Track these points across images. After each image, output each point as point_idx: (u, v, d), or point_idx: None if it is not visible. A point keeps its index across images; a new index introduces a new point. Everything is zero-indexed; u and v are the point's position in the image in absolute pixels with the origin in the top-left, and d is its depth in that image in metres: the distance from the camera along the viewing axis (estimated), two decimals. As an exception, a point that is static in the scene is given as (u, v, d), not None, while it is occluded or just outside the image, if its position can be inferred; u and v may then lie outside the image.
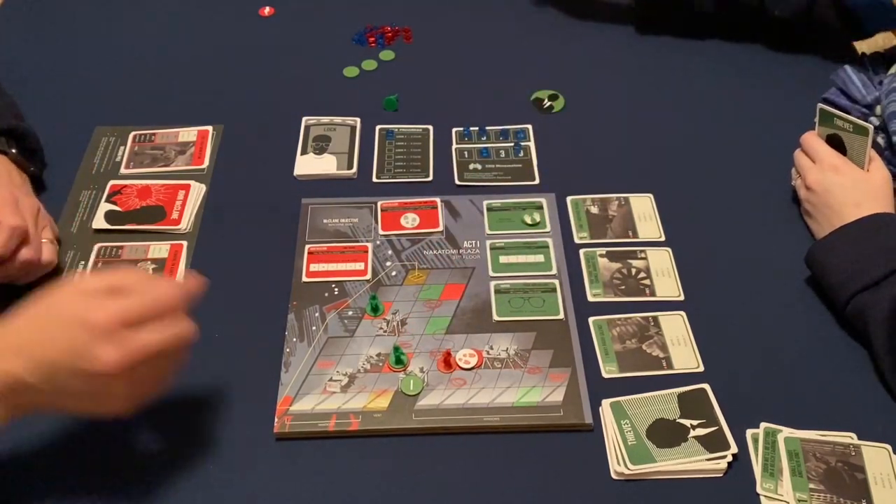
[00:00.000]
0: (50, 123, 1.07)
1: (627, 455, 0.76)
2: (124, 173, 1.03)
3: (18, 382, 0.65)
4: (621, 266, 0.93)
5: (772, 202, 1.00)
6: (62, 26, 1.26)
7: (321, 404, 0.80)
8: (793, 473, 0.75)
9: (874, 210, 0.88)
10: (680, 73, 1.17)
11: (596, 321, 0.88)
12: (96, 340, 0.64)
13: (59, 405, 0.68)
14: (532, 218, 0.97)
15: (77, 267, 0.93)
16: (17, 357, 0.65)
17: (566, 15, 1.26)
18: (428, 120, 1.10)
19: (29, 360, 0.65)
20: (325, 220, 0.97)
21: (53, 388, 0.65)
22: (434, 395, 0.81)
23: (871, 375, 0.84)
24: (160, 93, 1.15)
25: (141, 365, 0.66)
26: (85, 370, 0.64)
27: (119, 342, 0.65)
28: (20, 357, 0.65)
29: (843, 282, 0.85)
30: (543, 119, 1.11)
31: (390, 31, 1.24)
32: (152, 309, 0.67)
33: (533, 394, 0.81)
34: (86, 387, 0.65)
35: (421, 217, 0.98)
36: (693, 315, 0.88)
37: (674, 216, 0.98)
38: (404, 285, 0.91)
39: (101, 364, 0.64)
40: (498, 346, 0.85)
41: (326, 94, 1.14)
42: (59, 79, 1.16)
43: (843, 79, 1.07)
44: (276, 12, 1.28)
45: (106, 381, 0.65)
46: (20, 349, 0.66)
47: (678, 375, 0.84)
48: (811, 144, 0.95)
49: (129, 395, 0.68)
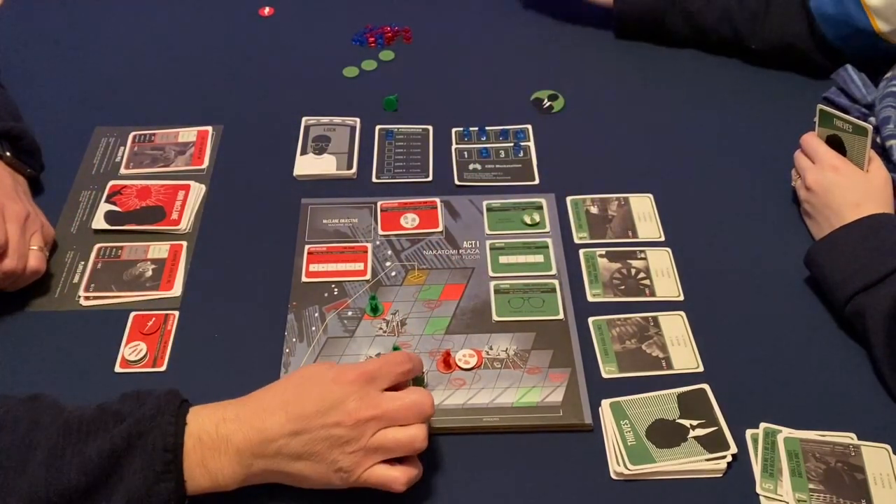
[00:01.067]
0: (50, 123, 1.07)
1: (627, 455, 0.76)
2: (124, 173, 1.03)
3: (271, 439, 0.69)
4: (621, 266, 0.93)
5: (772, 202, 1.00)
6: (62, 26, 1.26)
7: (321, 404, 0.80)
8: (792, 474, 0.75)
9: (873, 210, 0.88)
10: (680, 73, 1.17)
11: (596, 321, 0.88)
12: (347, 394, 0.69)
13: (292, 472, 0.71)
14: (532, 218, 0.97)
15: (77, 267, 0.93)
16: (281, 411, 0.69)
17: (566, 15, 1.26)
18: (428, 120, 1.10)
19: (288, 414, 0.69)
20: (325, 221, 0.97)
21: (299, 451, 0.69)
22: (434, 396, 0.81)
23: (870, 375, 0.84)
24: (160, 93, 1.15)
25: (379, 422, 0.70)
26: (335, 422, 0.68)
27: (364, 397, 0.69)
28: (283, 411, 0.69)
29: (842, 282, 0.85)
30: (543, 119, 1.11)
31: (390, 32, 1.24)
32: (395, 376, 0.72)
33: (532, 394, 0.81)
34: (326, 446, 0.69)
35: (421, 217, 0.98)
36: (693, 315, 0.88)
37: (673, 216, 0.98)
38: (404, 285, 0.91)
39: (348, 411, 0.69)
40: (497, 347, 0.85)
41: (326, 95, 1.14)
42: (59, 79, 1.16)
43: (844, 78, 1.07)
44: (276, 12, 1.28)
45: (347, 431, 0.69)
46: (284, 404, 0.70)
47: (678, 375, 0.84)
48: (811, 145, 0.95)
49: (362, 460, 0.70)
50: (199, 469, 0.68)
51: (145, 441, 0.67)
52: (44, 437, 0.67)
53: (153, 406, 0.69)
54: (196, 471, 0.68)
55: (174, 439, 0.67)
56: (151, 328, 0.87)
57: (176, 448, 0.67)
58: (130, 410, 0.69)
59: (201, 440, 0.68)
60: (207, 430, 0.69)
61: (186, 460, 0.68)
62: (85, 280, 0.91)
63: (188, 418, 0.69)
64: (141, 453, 0.67)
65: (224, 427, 0.69)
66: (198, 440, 0.68)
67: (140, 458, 0.67)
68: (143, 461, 0.66)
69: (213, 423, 0.69)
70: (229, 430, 0.69)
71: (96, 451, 0.66)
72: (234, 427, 0.69)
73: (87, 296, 0.90)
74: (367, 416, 0.69)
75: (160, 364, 0.84)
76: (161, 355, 0.85)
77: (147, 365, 0.84)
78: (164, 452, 0.67)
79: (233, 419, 0.69)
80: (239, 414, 0.69)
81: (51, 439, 0.67)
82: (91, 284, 0.91)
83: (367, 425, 0.69)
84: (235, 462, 0.69)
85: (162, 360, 0.85)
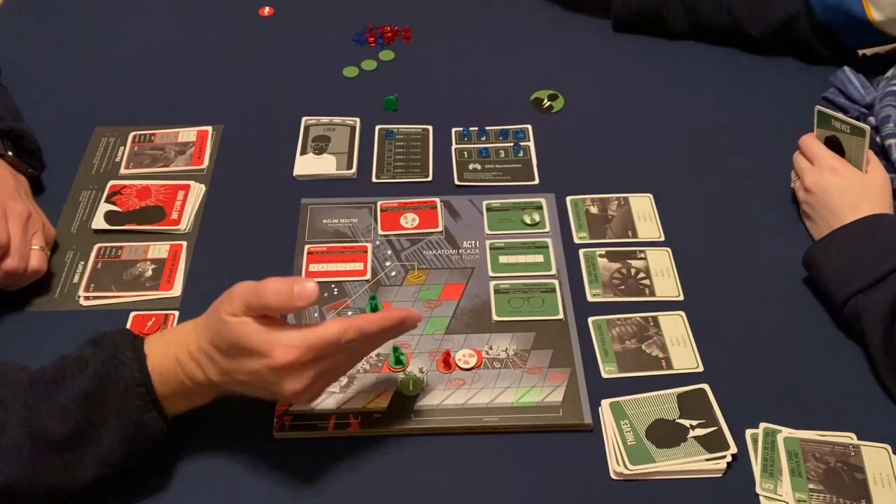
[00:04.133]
0: (50, 123, 1.07)
1: (627, 455, 0.76)
2: (124, 173, 1.03)
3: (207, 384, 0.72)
4: (621, 266, 0.93)
5: (771, 203, 1.00)
6: (62, 26, 1.26)
7: (320, 405, 0.80)
8: (792, 473, 0.75)
9: (872, 211, 0.88)
10: (680, 73, 1.18)
11: (595, 321, 0.88)
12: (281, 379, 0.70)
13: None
14: (531, 218, 0.97)
15: (76, 267, 0.93)
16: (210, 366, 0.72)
17: (566, 15, 1.27)
18: (427, 120, 1.10)
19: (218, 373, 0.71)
20: (325, 221, 0.97)
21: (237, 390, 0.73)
22: (433, 396, 0.81)
23: (870, 375, 0.84)
24: (160, 93, 1.15)
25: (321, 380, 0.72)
26: (268, 389, 0.71)
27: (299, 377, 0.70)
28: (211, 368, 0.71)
29: (840, 283, 0.85)
30: (543, 119, 1.11)
31: (390, 31, 1.24)
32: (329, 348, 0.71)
33: (532, 394, 0.82)
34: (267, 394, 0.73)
35: (420, 217, 0.98)
36: (692, 315, 0.89)
37: (673, 216, 0.98)
38: (404, 285, 0.91)
39: (286, 394, 0.71)
40: (497, 347, 0.85)
41: (326, 94, 1.14)
42: (59, 79, 1.16)
43: (842, 79, 1.07)
44: (276, 12, 1.28)
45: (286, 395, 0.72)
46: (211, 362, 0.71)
47: (678, 375, 0.84)
48: (809, 146, 0.95)
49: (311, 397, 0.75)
50: (172, 393, 0.72)
51: (115, 379, 0.69)
52: (12, 396, 0.69)
53: (111, 346, 0.71)
54: (169, 396, 0.72)
55: (140, 373, 0.70)
56: (151, 328, 0.87)
57: (146, 381, 0.70)
58: (92, 353, 0.71)
59: (162, 366, 0.71)
60: (165, 354, 0.72)
61: (158, 388, 0.71)
62: (85, 280, 0.91)
63: (146, 349, 0.72)
64: (115, 393, 0.69)
65: (176, 349, 0.72)
66: (159, 367, 0.71)
67: (116, 398, 0.69)
68: (119, 401, 0.69)
69: (167, 349, 0.72)
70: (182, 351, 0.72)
71: (70, 398, 0.68)
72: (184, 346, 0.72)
73: (87, 296, 0.90)
74: None
75: (160, 364, 0.84)
76: (161, 355, 0.85)
77: (147, 365, 0.84)
78: (136, 387, 0.70)
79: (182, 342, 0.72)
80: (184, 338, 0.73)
81: (20, 396, 0.69)
82: (91, 284, 0.91)
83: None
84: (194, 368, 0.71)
85: (162, 360, 0.85)
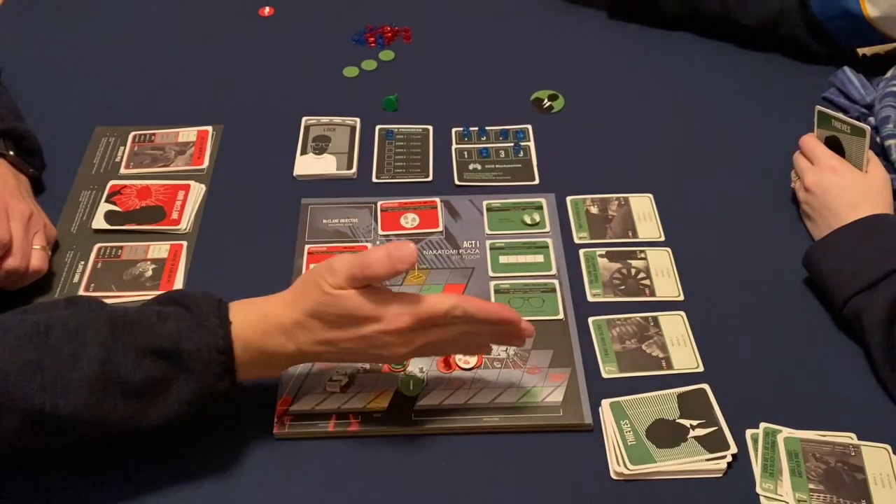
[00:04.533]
0: (50, 123, 1.07)
1: (627, 455, 0.76)
2: (124, 173, 1.03)
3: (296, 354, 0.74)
4: (621, 266, 0.93)
5: (771, 203, 1.00)
6: (62, 26, 1.26)
7: (321, 405, 0.80)
8: (792, 473, 0.75)
9: (872, 211, 0.88)
10: (680, 73, 1.18)
11: (596, 321, 0.88)
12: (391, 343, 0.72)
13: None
14: (532, 218, 0.97)
15: (77, 267, 0.93)
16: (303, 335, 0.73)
17: (566, 14, 1.27)
18: (428, 120, 1.10)
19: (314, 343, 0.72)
20: (325, 221, 0.97)
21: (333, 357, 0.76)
22: (434, 396, 0.81)
23: (870, 375, 0.84)
24: (160, 93, 1.15)
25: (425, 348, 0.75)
26: (374, 353, 0.73)
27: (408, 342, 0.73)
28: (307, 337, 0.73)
29: (839, 284, 0.85)
30: (543, 119, 1.11)
31: (390, 31, 1.24)
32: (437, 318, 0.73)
33: (533, 394, 0.81)
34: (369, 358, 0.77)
35: (421, 217, 0.98)
36: (693, 315, 0.89)
37: (673, 216, 0.98)
38: (404, 285, 0.91)
39: (392, 358, 0.74)
40: (497, 346, 0.85)
41: (326, 94, 1.14)
42: (59, 79, 1.16)
43: (843, 79, 1.08)
44: (276, 12, 1.28)
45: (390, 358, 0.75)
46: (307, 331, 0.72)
47: (678, 375, 0.84)
48: (809, 146, 0.95)
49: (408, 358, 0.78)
50: (250, 362, 0.72)
51: (198, 344, 0.70)
52: (93, 329, 0.69)
53: (195, 308, 0.71)
54: (246, 365, 0.72)
55: (224, 341, 0.70)
56: (151, 328, 0.87)
57: (227, 349, 0.71)
58: (175, 312, 0.71)
59: (245, 335, 0.72)
60: (251, 325, 0.72)
61: (239, 357, 0.72)
62: (85, 280, 0.91)
63: (231, 317, 0.72)
64: (195, 356, 0.70)
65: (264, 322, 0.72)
66: (243, 336, 0.72)
67: (195, 361, 0.70)
68: (199, 364, 0.70)
69: (254, 320, 0.73)
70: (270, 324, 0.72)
71: (148, 349, 0.69)
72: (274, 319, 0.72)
73: (87, 295, 0.90)
74: None
75: (160, 364, 0.84)
76: (161, 355, 0.85)
77: (147, 365, 0.84)
78: (218, 354, 0.70)
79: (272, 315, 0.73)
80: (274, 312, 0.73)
81: (100, 332, 0.69)
82: (91, 284, 0.91)
83: None
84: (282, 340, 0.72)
85: (162, 360, 0.84)
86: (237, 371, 0.72)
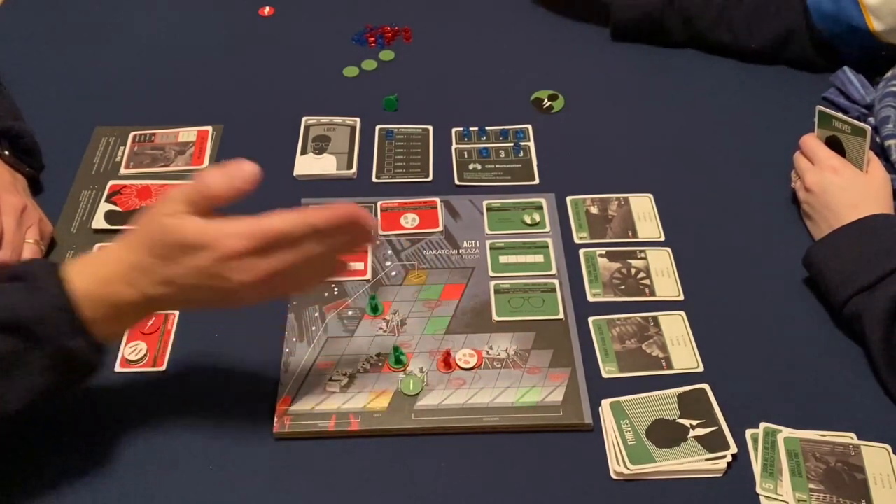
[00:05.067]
0: (50, 123, 1.07)
1: (627, 455, 0.76)
2: (124, 173, 1.03)
3: (142, 301, 0.69)
4: (621, 266, 0.93)
5: (772, 203, 1.00)
6: (62, 26, 1.26)
7: (321, 404, 0.80)
8: (792, 473, 0.75)
9: (872, 211, 0.88)
10: (680, 73, 1.18)
11: (596, 321, 0.88)
12: (230, 271, 0.67)
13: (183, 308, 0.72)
14: (532, 218, 0.97)
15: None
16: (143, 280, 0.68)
17: (565, 15, 1.27)
18: (428, 120, 1.10)
19: (155, 285, 0.68)
20: (325, 220, 0.97)
21: (181, 301, 0.70)
22: (434, 396, 0.81)
23: (870, 375, 0.84)
24: (160, 93, 1.15)
25: (273, 279, 0.69)
26: (217, 287, 0.68)
27: (249, 269, 0.67)
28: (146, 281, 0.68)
29: (840, 284, 0.85)
30: (543, 119, 1.11)
31: (390, 31, 1.24)
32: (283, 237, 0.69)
33: (533, 394, 0.81)
34: (216, 296, 0.69)
35: (421, 217, 0.98)
36: (693, 315, 0.89)
37: (673, 216, 0.98)
38: (404, 285, 0.91)
39: (237, 289, 0.68)
40: (497, 346, 0.85)
41: (326, 94, 1.14)
42: (59, 79, 1.16)
43: (843, 80, 1.07)
44: (276, 12, 1.28)
45: (237, 294, 0.69)
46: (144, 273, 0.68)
47: (678, 375, 0.84)
48: (810, 146, 0.95)
49: (261, 298, 0.71)
50: (102, 317, 0.68)
51: (37, 307, 0.66)
52: None
53: (30, 276, 0.68)
54: (98, 321, 0.68)
55: (61, 298, 0.67)
56: (151, 328, 0.87)
57: (67, 306, 0.67)
58: (10, 285, 0.68)
59: (88, 289, 0.68)
60: (90, 277, 0.69)
61: (85, 313, 0.68)
62: (85, 280, 0.91)
63: (67, 275, 0.68)
64: (36, 320, 0.66)
65: (105, 270, 0.69)
66: (84, 291, 0.68)
67: (38, 325, 0.66)
68: (43, 328, 0.66)
69: (93, 271, 0.69)
70: (110, 272, 0.69)
71: None
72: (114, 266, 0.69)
73: (87, 295, 0.90)
74: None
75: (160, 364, 0.84)
76: (161, 355, 0.85)
77: (147, 364, 0.84)
78: (59, 312, 0.67)
79: (111, 262, 0.69)
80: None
81: None
82: (91, 284, 0.91)
83: None
84: (123, 287, 0.68)
85: (162, 360, 0.84)
86: (89, 327, 0.68)
